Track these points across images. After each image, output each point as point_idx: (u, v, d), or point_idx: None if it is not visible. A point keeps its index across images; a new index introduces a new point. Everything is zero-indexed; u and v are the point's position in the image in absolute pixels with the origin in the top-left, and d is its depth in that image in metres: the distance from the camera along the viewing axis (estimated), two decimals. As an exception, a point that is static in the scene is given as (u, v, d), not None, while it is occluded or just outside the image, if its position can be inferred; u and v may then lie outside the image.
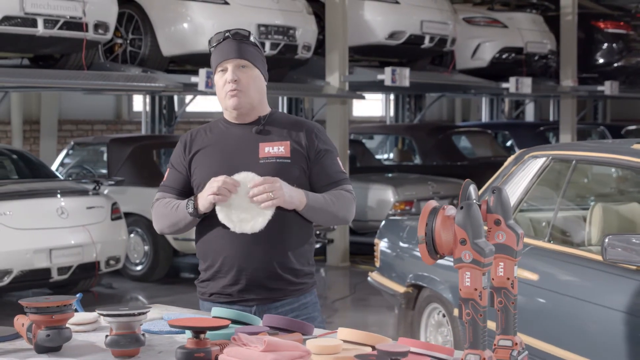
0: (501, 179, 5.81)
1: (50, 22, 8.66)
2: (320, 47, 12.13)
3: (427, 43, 12.63)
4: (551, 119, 19.84)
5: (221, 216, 3.40)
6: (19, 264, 8.54)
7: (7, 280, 8.51)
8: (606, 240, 4.40)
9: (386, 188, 12.17)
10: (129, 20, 10.39)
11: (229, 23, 10.21)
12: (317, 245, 12.32)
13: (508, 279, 2.75)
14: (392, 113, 18.31)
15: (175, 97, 14.23)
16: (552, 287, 4.93)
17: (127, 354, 2.89)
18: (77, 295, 3.47)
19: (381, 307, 8.98)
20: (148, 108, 13.53)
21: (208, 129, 3.63)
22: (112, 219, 9.39)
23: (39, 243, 8.67)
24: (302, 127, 3.58)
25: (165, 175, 3.66)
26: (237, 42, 3.55)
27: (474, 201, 2.78)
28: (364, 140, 16.37)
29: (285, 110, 15.50)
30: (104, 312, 2.91)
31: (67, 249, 8.87)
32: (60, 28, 8.77)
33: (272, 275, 3.49)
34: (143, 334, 2.93)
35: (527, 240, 5.33)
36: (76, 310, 3.41)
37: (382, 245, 6.74)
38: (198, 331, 2.71)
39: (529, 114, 21.29)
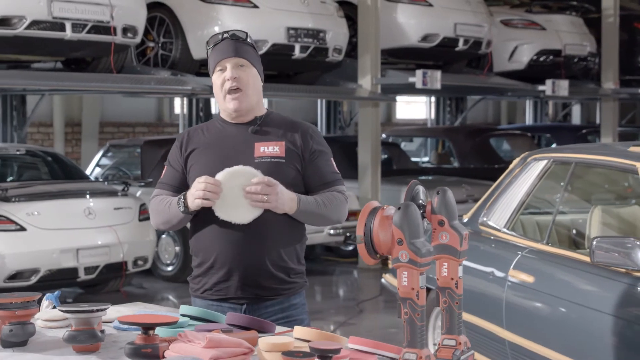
0: (505, 181, 5.82)
1: (78, 26, 8.83)
2: (353, 50, 12.18)
3: (461, 46, 12.62)
4: (597, 121, 19.67)
5: (217, 210, 3.44)
6: (46, 263, 8.70)
7: (34, 279, 8.68)
8: (594, 242, 4.40)
9: (419, 190, 12.15)
10: (161, 24, 10.54)
11: (258, 26, 10.34)
12: (350, 248, 12.36)
13: (452, 279, 2.78)
14: (433, 115, 18.29)
15: (212, 100, 14.36)
16: (547, 289, 4.93)
17: (86, 349, 2.97)
18: (55, 292, 3.56)
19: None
20: (185, 110, 13.67)
21: (205, 128, 3.69)
22: (140, 220, 9.53)
23: (66, 243, 8.82)
24: (297, 128, 3.64)
25: (163, 173, 3.72)
26: (234, 42, 3.61)
27: (421, 202, 2.82)
28: (403, 143, 16.39)
29: (324, 114, 15.59)
30: (64, 309, 3.00)
31: (94, 249, 9.02)
32: (89, 32, 8.94)
33: (264, 272, 3.53)
34: (102, 331, 3.00)
35: (525, 242, 5.35)
36: (54, 307, 3.50)
37: (395, 247, 6.75)
38: (147, 327, 2.78)
39: (576, 117, 21.12)
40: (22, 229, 8.61)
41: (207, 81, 10.28)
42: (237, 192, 3.43)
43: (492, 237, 5.67)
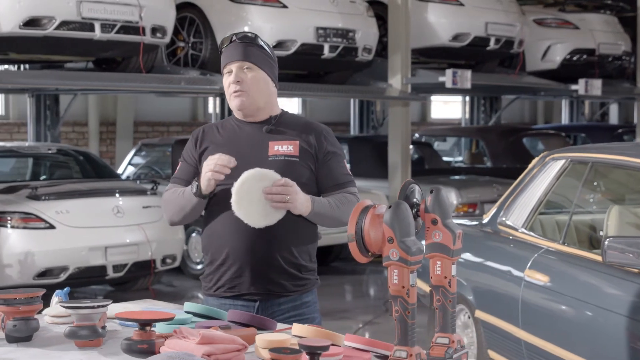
0: (524, 181, 5.81)
1: (107, 26, 8.92)
2: (384, 49, 12.19)
3: (492, 45, 12.58)
4: (635, 121, 19.51)
5: (235, 205, 3.45)
6: (75, 261, 8.81)
7: (63, 276, 8.78)
8: (606, 242, 4.38)
9: (449, 190, 12.14)
10: (191, 24, 10.61)
11: (287, 26, 10.39)
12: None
13: (445, 277, 2.79)
14: (467, 115, 18.25)
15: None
16: (562, 289, 4.92)
17: (88, 344, 3.01)
18: (65, 289, 3.62)
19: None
20: (218, 110, 13.75)
21: (220, 126, 3.73)
22: (169, 219, 9.58)
23: (94, 241, 8.92)
24: (311, 129, 3.67)
25: (177, 169, 3.76)
26: (242, 44, 3.64)
27: (415, 201, 2.83)
28: (437, 143, 16.36)
29: (356, 113, 15.61)
30: (66, 305, 3.05)
31: (122, 247, 9.11)
32: (117, 32, 9.03)
33: (276, 268, 3.56)
34: (104, 326, 3.05)
35: (541, 242, 5.34)
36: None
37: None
38: (143, 323, 2.82)
39: (613, 117, 20.95)
40: (51, 227, 8.72)
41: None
42: (259, 195, 3.45)
43: (510, 237, 5.66)
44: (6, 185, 9.28)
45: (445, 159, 15.47)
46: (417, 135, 15.84)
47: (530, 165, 5.86)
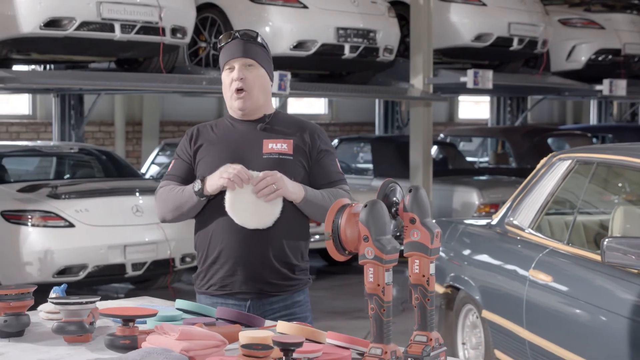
0: (532, 181, 5.81)
1: (127, 26, 9.00)
2: (407, 49, 12.20)
3: (515, 45, 12.54)
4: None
5: (231, 213, 3.50)
6: (94, 259, 8.89)
7: (82, 274, 8.87)
8: (605, 242, 4.38)
9: (471, 190, 12.14)
10: (212, 25, 10.68)
11: (307, 26, 10.42)
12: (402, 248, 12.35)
13: (424, 276, 2.81)
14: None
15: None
16: (564, 290, 4.93)
17: (76, 340, 3.07)
18: (62, 285, 3.68)
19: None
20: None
21: (214, 125, 3.76)
22: (188, 217, 9.66)
23: (113, 239, 9.00)
24: (305, 128, 3.71)
25: (170, 166, 3.78)
26: (244, 41, 3.67)
27: (395, 200, 2.86)
28: (462, 143, 16.34)
29: (381, 113, 15.63)
30: (54, 300, 3.11)
31: (141, 245, 9.19)
32: (137, 33, 9.10)
33: (269, 267, 3.60)
34: (92, 322, 3.10)
35: (546, 242, 5.34)
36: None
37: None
38: (127, 319, 2.87)
39: (644, 117, 20.83)
40: (71, 225, 8.81)
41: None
42: (249, 198, 3.49)
43: (517, 237, 5.67)
44: (27, 184, 9.39)
45: (470, 159, 15.45)
46: (442, 135, 15.83)
47: (538, 166, 5.87)
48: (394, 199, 2.85)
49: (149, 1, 9.11)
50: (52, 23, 8.70)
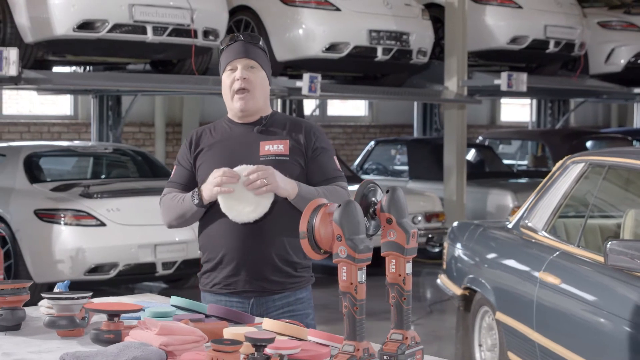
0: (546, 184, 5.82)
1: (159, 29, 9.13)
2: (443, 52, 12.22)
3: (552, 48, 12.51)
4: None
5: (223, 207, 3.59)
6: (125, 258, 9.02)
7: (113, 273, 9.00)
8: (607, 245, 4.39)
9: (505, 193, 12.12)
10: (246, 27, 10.78)
11: (340, 28, 10.50)
12: (436, 250, 12.38)
13: (400, 275, 2.85)
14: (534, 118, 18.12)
15: (305, 101, 14.57)
16: (572, 292, 4.94)
17: (69, 334, 3.17)
18: (65, 281, 3.77)
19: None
20: (279, 110, 13.92)
21: (212, 128, 3.84)
22: (218, 217, 9.76)
23: (144, 238, 9.12)
24: (301, 127, 3.78)
25: (172, 173, 3.87)
26: (246, 44, 3.75)
27: (373, 200, 2.91)
28: (501, 146, 16.28)
29: (420, 116, 15.64)
30: (47, 295, 3.20)
31: (172, 244, 9.30)
32: (169, 35, 9.23)
33: (271, 266, 3.67)
34: (84, 317, 3.19)
35: (557, 245, 5.35)
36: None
37: (449, 247, 6.83)
38: (112, 314, 2.96)
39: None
40: (102, 224, 8.95)
41: (286, 82, 10.48)
42: (241, 191, 3.57)
43: (531, 240, 5.68)
44: (61, 183, 9.55)
45: (509, 162, 15.40)
46: (480, 137, 15.80)
47: (553, 169, 5.88)
48: (373, 199, 2.90)
49: (180, 4, 9.24)
50: (85, 25, 8.86)
